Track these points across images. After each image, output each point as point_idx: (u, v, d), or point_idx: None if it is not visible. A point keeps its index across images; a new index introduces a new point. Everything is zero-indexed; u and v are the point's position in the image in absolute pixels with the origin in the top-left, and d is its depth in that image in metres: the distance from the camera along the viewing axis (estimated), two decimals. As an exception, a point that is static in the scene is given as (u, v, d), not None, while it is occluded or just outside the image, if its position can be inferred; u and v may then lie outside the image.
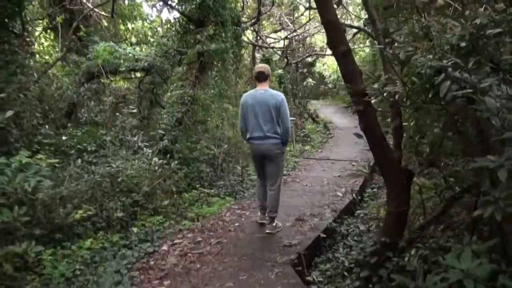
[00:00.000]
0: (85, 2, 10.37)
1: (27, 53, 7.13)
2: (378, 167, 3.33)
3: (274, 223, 4.89)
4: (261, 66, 5.01)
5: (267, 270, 3.85)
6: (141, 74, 9.21)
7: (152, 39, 12.38)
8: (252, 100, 4.74)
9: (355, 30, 12.91)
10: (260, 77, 4.82)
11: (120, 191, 5.32)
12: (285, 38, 15.66)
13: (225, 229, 5.11)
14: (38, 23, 10.61)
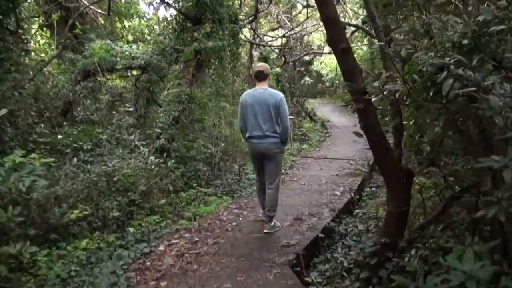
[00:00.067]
0: (81, -1, 10.28)
1: (22, 51, 7.06)
2: (378, 166, 3.29)
3: (272, 223, 4.86)
4: (260, 65, 5.01)
5: (265, 270, 3.80)
6: (138, 72, 9.12)
7: (148, 37, 12.31)
8: (251, 99, 4.73)
9: (353, 28, 12.85)
10: (259, 76, 4.81)
11: (116, 190, 5.27)
12: (283, 36, 15.61)
13: (223, 228, 5.06)
14: (34, 20, 10.53)
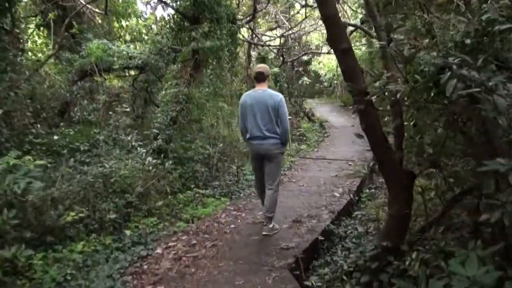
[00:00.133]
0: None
1: (18, 50, 7.00)
2: (379, 168, 3.24)
3: (271, 224, 4.81)
4: (260, 66, 5.01)
5: (264, 274, 3.74)
6: (135, 72, 9.07)
7: (146, 37, 12.26)
8: (251, 100, 4.72)
9: (351, 28, 12.80)
10: (259, 78, 4.80)
11: (113, 192, 5.21)
12: (281, 36, 15.54)
13: (221, 231, 5.00)
14: (31, 20, 10.44)
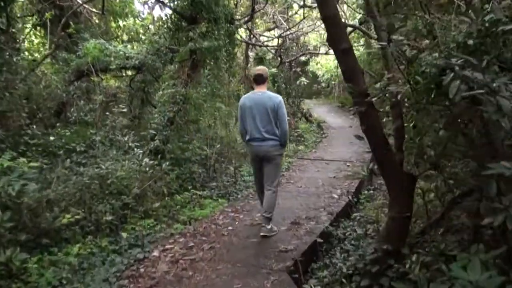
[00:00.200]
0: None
1: (13, 50, 6.92)
2: (379, 170, 3.19)
3: (269, 225, 4.76)
4: (259, 68, 5.00)
5: (262, 277, 3.69)
6: (132, 72, 9.02)
7: (143, 37, 12.22)
8: (250, 102, 4.71)
9: (349, 29, 12.77)
10: (258, 80, 4.79)
11: (109, 193, 5.16)
12: (279, 36, 15.51)
13: (218, 233, 4.95)
14: (27, 19, 10.37)
